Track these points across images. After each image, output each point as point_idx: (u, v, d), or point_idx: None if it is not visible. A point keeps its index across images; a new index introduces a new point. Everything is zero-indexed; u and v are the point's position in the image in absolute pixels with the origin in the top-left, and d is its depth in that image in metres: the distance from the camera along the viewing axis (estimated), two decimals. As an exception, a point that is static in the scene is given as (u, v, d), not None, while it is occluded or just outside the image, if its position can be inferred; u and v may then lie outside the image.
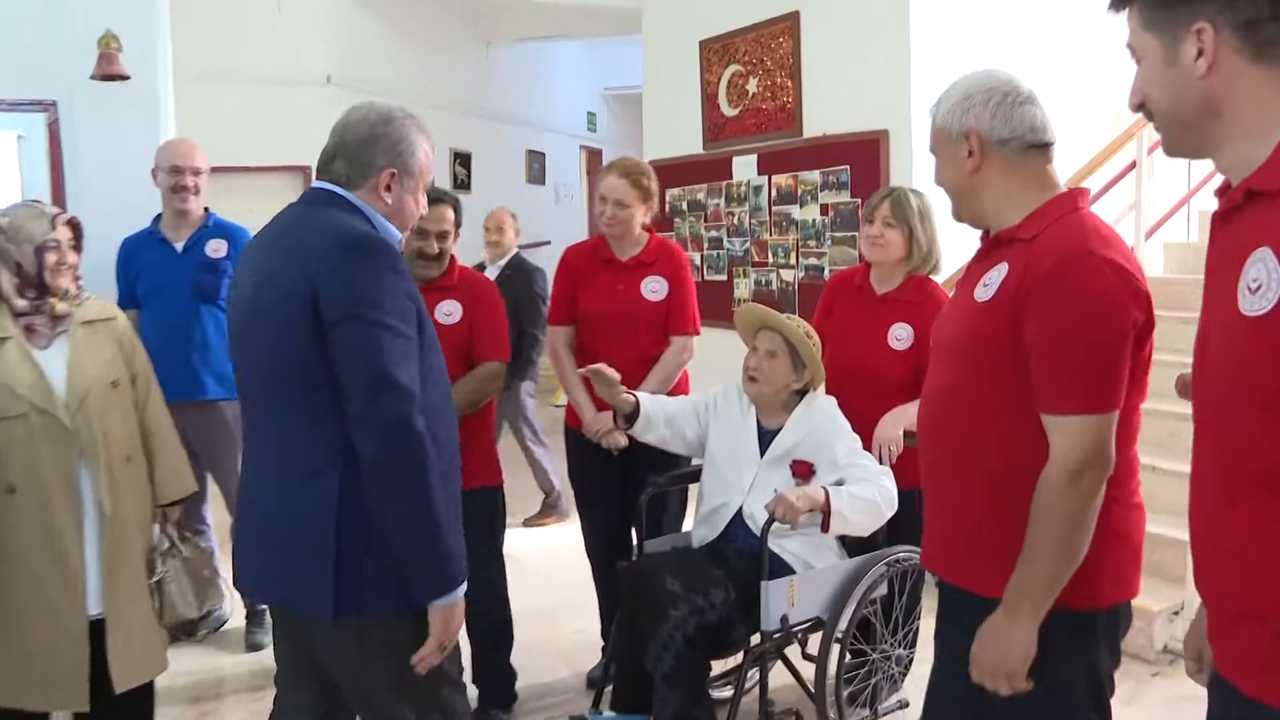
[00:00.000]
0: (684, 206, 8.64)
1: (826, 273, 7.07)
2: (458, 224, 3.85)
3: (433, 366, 2.31)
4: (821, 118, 7.17)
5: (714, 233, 8.35)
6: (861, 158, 6.78)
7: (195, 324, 4.40)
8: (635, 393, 3.44)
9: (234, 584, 2.53)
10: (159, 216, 4.51)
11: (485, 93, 11.58)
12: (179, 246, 4.44)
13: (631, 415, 3.41)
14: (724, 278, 8.24)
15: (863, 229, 3.78)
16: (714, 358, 5.48)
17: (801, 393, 3.45)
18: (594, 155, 14.71)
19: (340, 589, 2.22)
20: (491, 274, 6.54)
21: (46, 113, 4.72)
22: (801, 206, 7.33)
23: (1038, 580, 2.05)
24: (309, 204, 2.37)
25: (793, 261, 7.52)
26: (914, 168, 6.43)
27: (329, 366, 2.16)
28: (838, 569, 3.28)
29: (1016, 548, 2.08)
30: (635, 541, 3.59)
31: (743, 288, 8.06)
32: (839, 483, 3.21)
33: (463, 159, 11.11)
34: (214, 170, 4.49)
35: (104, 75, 4.46)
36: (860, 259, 3.99)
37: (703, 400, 3.59)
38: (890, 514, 3.24)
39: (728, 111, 8.07)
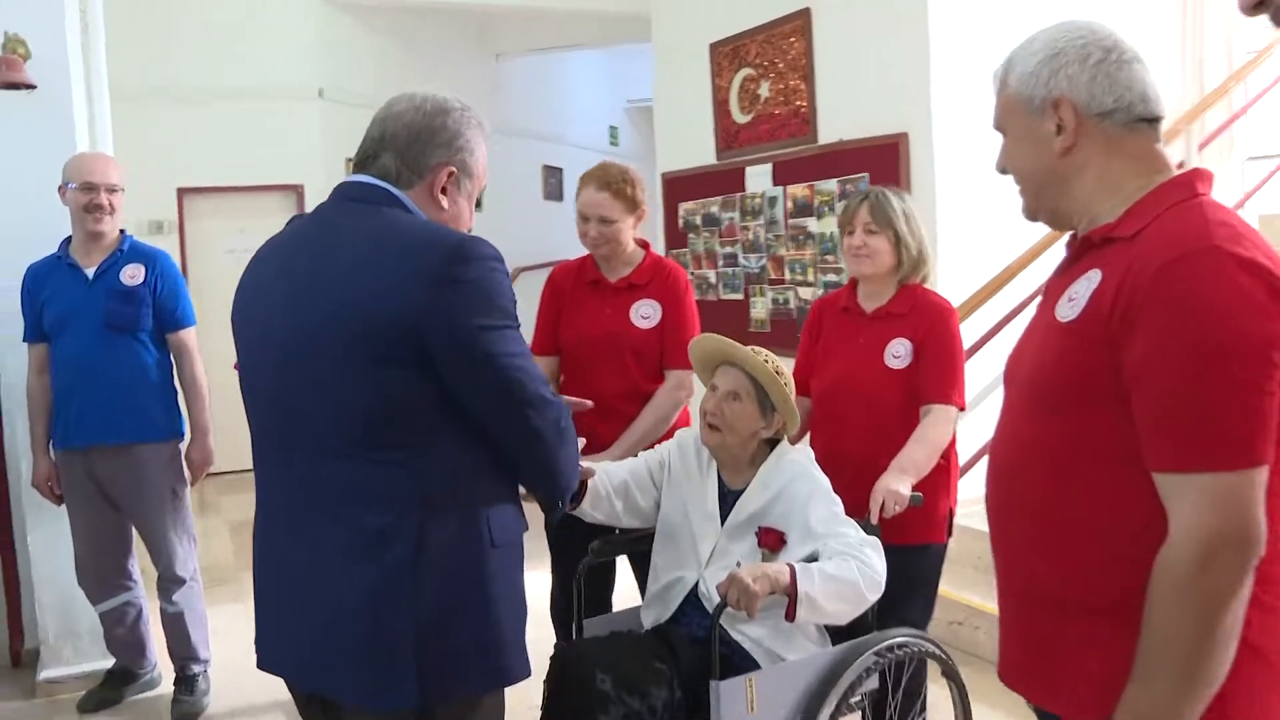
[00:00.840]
0: (698, 221, 8.11)
1: (845, 290, 6.47)
2: None
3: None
4: (837, 122, 6.62)
5: (729, 249, 7.80)
6: (880, 163, 6.21)
7: (108, 358, 3.91)
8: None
9: (261, 665, 2.05)
10: (68, 240, 4.02)
11: (496, 106, 11.07)
12: (90, 273, 3.96)
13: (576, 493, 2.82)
14: (740, 297, 7.69)
15: (843, 242, 3.27)
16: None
17: (772, 443, 2.87)
18: (618, 170, 14.24)
19: (424, 670, 1.85)
20: None
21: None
22: (819, 219, 6.76)
23: (1156, 708, 1.51)
24: (359, 202, 1.98)
25: (811, 278, 6.95)
26: (937, 172, 5.89)
27: (408, 403, 1.85)
28: (812, 662, 2.64)
29: (1124, 659, 1.55)
30: (575, 621, 2.98)
31: (759, 307, 7.49)
32: (812, 557, 2.62)
33: (472, 175, 10.56)
34: (205, 191, 3.98)
35: (5, 84, 3.96)
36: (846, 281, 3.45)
37: (656, 456, 3.01)
38: (875, 598, 2.63)
39: (740, 119, 7.52)
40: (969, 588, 4.69)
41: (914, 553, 3.11)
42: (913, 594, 3.14)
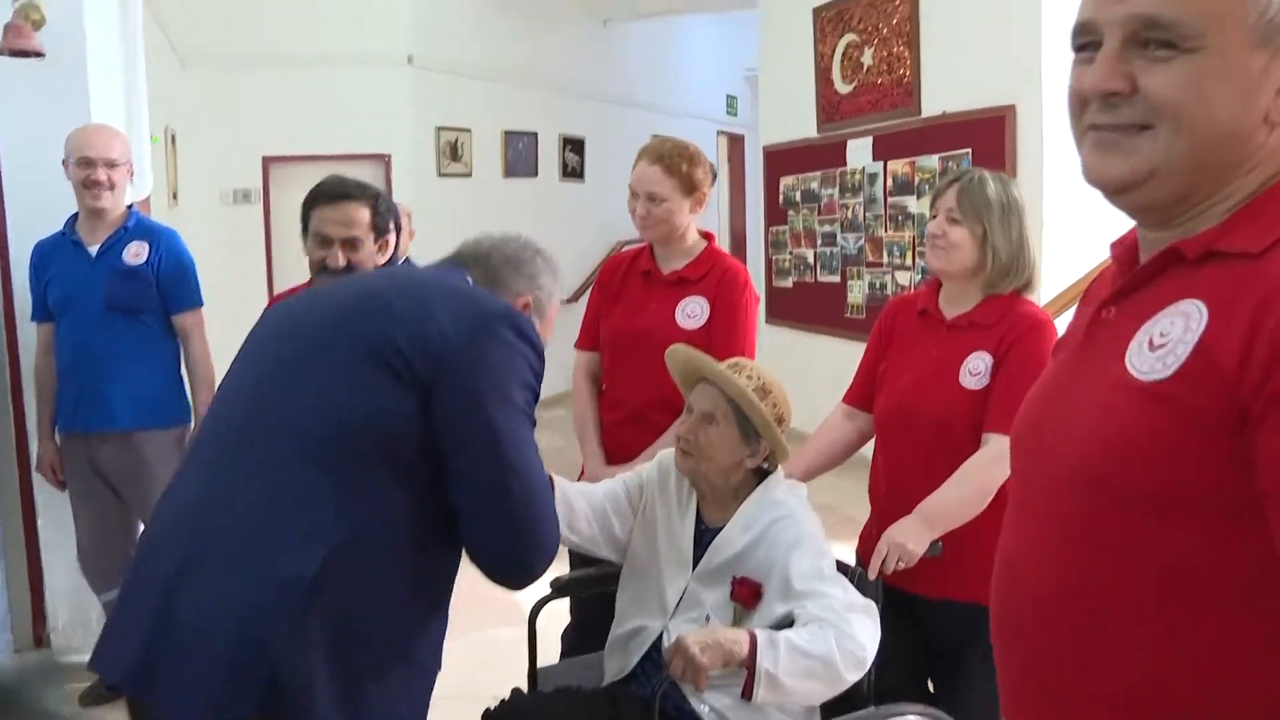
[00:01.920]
0: (797, 197, 7.67)
1: (945, 276, 5.96)
2: (380, 227, 2.97)
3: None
4: (942, 93, 6.12)
5: (827, 227, 7.35)
6: (985, 138, 5.69)
7: (108, 341, 3.67)
8: (553, 478, 2.36)
9: (91, 663, 1.78)
10: (74, 216, 3.80)
11: (604, 74, 10.69)
12: (93, 250, 3.72)
13: None
14: (837, 279, 7.24)
15: (927, 227, 2.66)
16: (825, 372, 4.50)
17: (764, 474, 2.45)
18: (735, 142, 13.63)
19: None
20: None
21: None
22: (919, 197, 6.27)
23: None
24: (443, 268, 2.05)
25: (909, 263, 6.45)
26: (1046, 150, 5.37)
27: (387, 426, 1.70)
28: (787, 745, 2.21)
29: None
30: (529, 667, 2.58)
31: (856, 291, 7.02)
32: (787, 621, 2.19)
33: (574, 145, 10.24)
34: (292, 160, 3.68)
35: (10, 50, 3.74)
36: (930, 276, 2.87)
37: (635, 479, 2.58)
38: (856, 678, 2.16)
39: (842, 88, 7.05)
40: None
41: (965, 612, 2.43)
42: (972, 666, 2.50)
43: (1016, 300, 2.55)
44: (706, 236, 3.13)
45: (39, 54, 3.82)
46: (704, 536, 2.39)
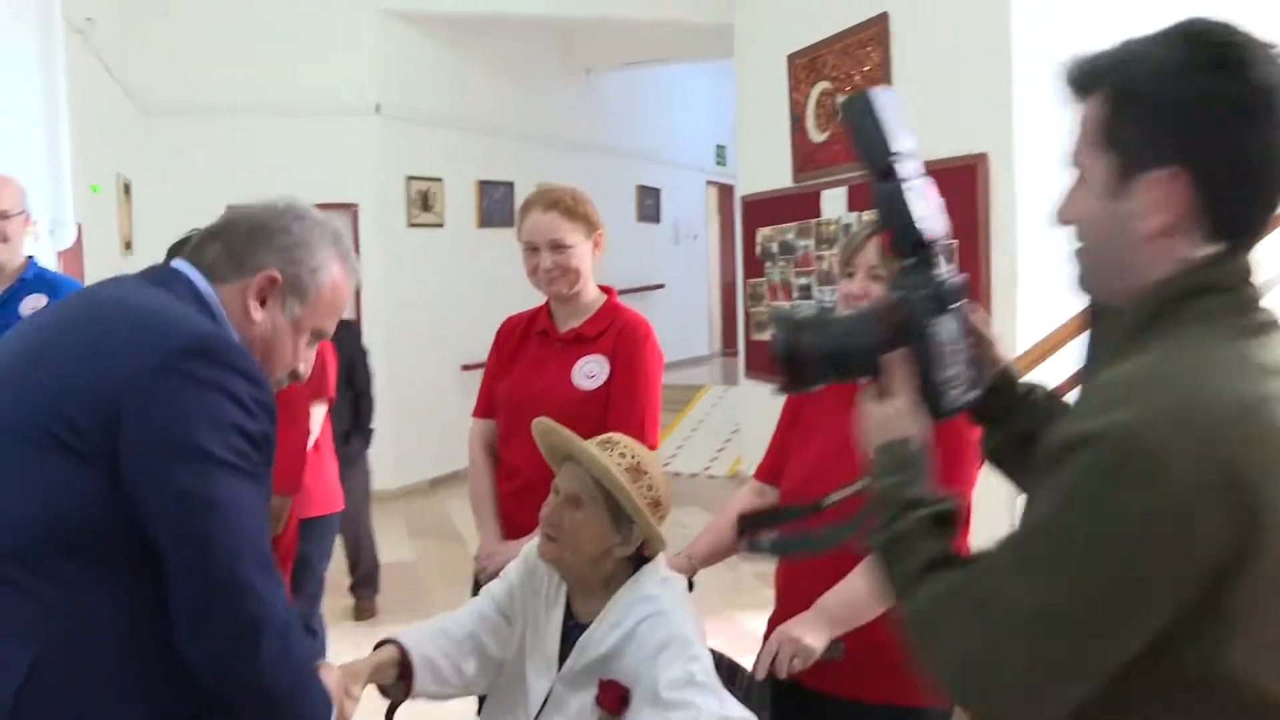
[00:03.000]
0: (774, 249, 7.46)
1: (919, 331, 5.72)
2: None
3: None
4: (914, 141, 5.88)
5: (804, 279, 7.14)
6: (956, 188, 5.45)
7: None
8: (400, 640, 2.11)
9: None
10: None
11: (586, 123, 10.54)
12: None
13: (404, 675, 2.11)
14: (814, 333, 6.99)
15: (840, 286, 2.39)
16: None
17: (642, 561, 2.18)
18: (725, 191, 13.48)
19: None
20: None
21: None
22: (892, 249, 6.03)
23: None
24: (144, 280, 1.66)
25: (884, 316, 6.22)
26: (1018, 198, 5.14)
27: (80, 509, 1.41)
28: None
29: None
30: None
31: (832, 346, 6.78)
32: None
33: (553, 195, 10.07)
34: None
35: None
36: None
37: (501, 584, 2.29)
38: None
39: (816, 137, 6.86)
40: None
41: (905, 718, 2.22)
42: None
43: None
44: (606, 290, 2.92)
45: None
46: (572, 633, 2.11)
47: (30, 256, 3.66)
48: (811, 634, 2.07)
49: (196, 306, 1.60)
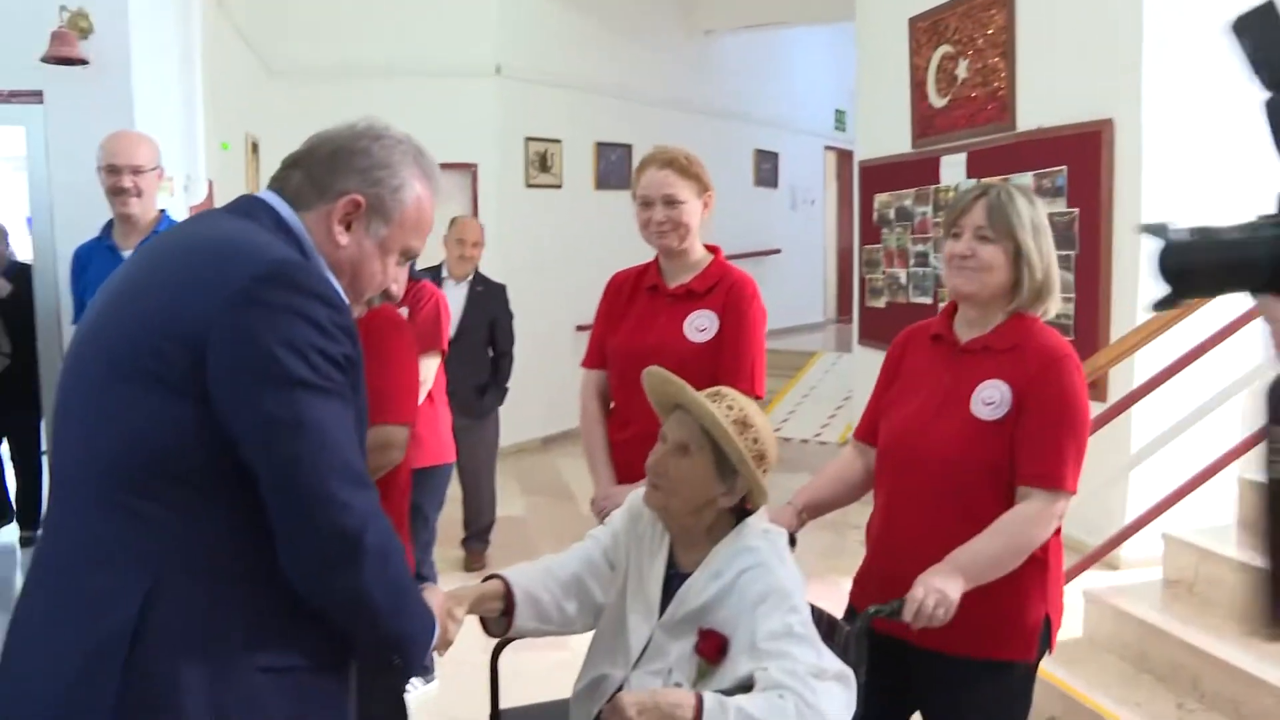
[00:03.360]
0: (891, 215, 7.38)
1: (1036, 301, 5.62)
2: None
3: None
4: (1037, 106, 5.79)
5: (920, 247, 7.05)
6: (1081, 155, 5.35)
7: None
8: (505, 576, 2.23)
9: None
10: (110, 222, 3.77)
11: (702, 85, 10.48)
12: (126, 255, 3.69)
13: (507, 611, 2.21)
14: (929, 300, 6.92)
15: (946, 248, 2.41)
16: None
17: (743, 514, 2.22)
18: (844, 157, 13.32)
19: None
20: (458, 293, 5.50)
21: (43, 105, 4.05)
22: (1011, 217, 5.92)
23: None
24: (232, 213, 1.69)
25: (1001, 285, 6.12)
26: (1145, 165, 5.00)
27: (175, 441, 1.46)
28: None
29: None
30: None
31: (947, 314, 6.70)
32: (746, 685, 1.95)
33: (670, 159, 10.07)
34: None
35: (55, 58, 3.74)
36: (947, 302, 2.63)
37: (607, 530, 2.37)
38: None
39: (936, 102, 6.75)
40: (1103, 684, 3.57)
41: (988, 671, 2.32)
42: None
43: (1036, 326, 2.34)
44: (711, 250, 3.04)
45: (83, 61, 3.80)
46: (673, 582, 2.17)
47: (163, 210, 3.83)
48: (952, 586, 2.11)
49: (281, 235, 1.63)
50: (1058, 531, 2.33)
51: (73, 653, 1.45)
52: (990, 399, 2.29)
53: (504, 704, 2.48)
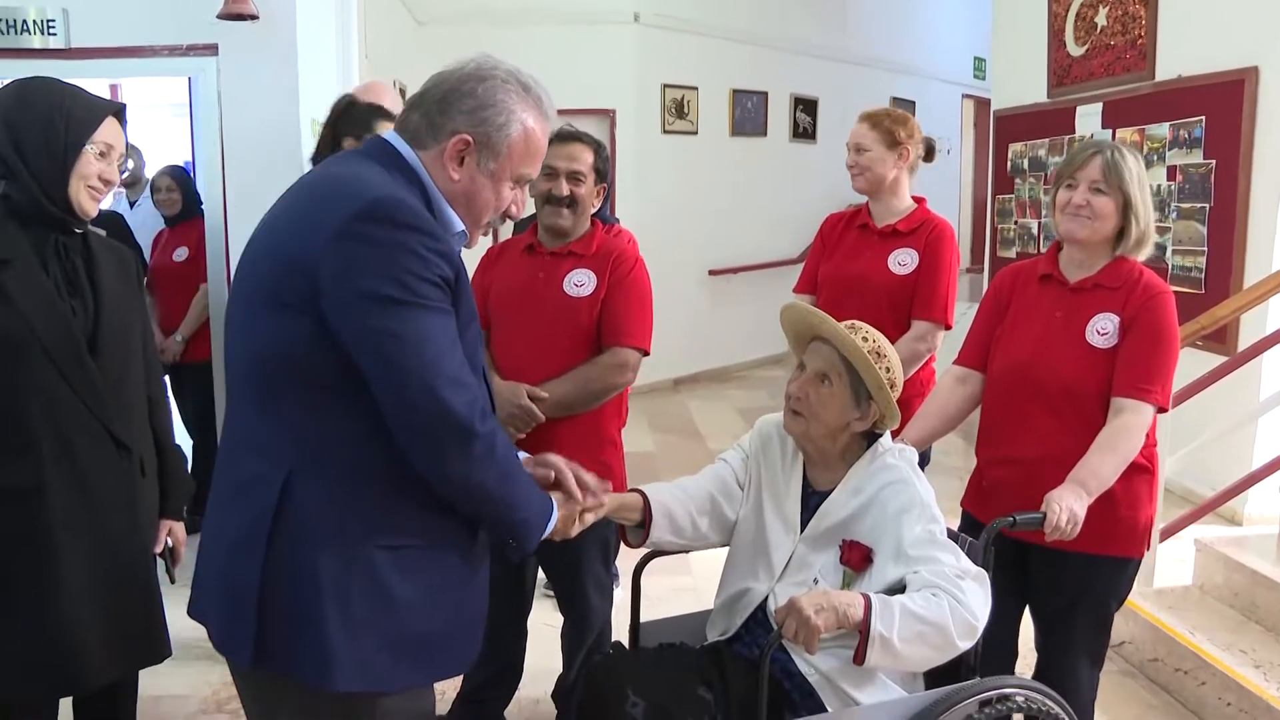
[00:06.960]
0: (1024, 165, 7.35)
1: (1169, 255, 5.60)
2: (601, 171, 3.12)
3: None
4: (1178, 55, 5.71)
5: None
6: (1221, 106, 5.30)
7: None
8: (643, 490, 2.48)
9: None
10: None
11: (839, 32, 10.45)
12: None
13: (643, 524, 2.44)
14: (1060, 251, 6.89)
15: (1058, 197, 2.74)
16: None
17: (871, 437, 2.41)
18: (982, 105, 13.11)
19: (264, 633, 1.75)
20: None
21: (215, 58, 4.33)
22: (1147, 168, 5.88)
23: None
24: (359, 154, 1.91)
25: (1133, 236, 6.09)
26: (1289, 117, 4.93)
27: (305, 357, 1.73)
28: (892, 710, 2.18)
29: None
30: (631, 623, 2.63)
31: (1078, 265, 6.68)
32: (898, 587, 2.17)
33: (806, 105, 10.08)
34: None
35: (229, 14, 4.02)
36: (1050, 246, 2.88)
37: (737, 454, 2.60)
38: (967, 645, 2.14)
39: (1074, 50, 6.69)
40: (1208, 629, 3.69)
41: (1098, 567, 2.67)
42: (1086, 618, 2.71)
43: (1138, 268, 2.70)
44: (918, 200, 3.53)
45: (254, 16, 4.08)
46: (810, 500, 2.42)
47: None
48: (1080, 505, 2.39)
49: (399, 173, 1.81)
50: (1154, 442, 2.69)
51: (231, 524, 1.78)
52: (1104, 329, 2.65)
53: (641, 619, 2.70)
